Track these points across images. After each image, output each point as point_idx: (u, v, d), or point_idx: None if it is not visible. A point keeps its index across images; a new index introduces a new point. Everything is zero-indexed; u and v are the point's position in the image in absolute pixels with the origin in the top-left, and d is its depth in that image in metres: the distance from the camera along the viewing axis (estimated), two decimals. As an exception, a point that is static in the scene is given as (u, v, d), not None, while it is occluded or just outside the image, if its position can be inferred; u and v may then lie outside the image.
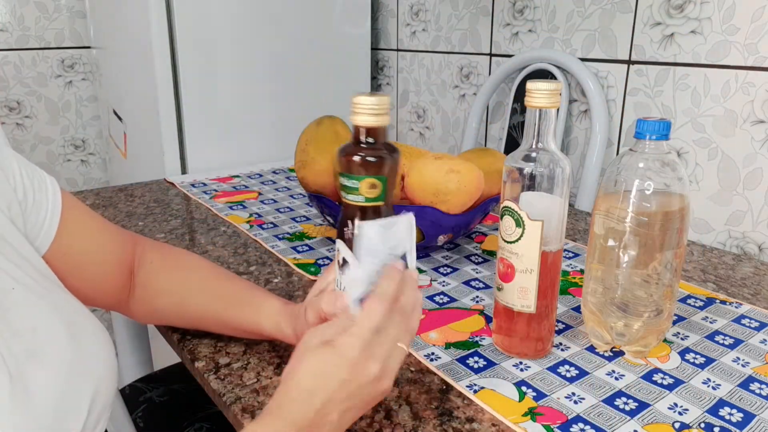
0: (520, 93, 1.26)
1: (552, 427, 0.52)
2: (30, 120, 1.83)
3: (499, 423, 0.53)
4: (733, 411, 0.55)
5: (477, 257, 0.89)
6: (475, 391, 0.57)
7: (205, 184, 1.27)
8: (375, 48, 1.70)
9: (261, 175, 1.35)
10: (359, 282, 0.48)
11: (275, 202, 1.16)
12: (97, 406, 0.48)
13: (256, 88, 1.43)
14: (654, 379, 0.59)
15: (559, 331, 0.68)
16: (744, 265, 0.88)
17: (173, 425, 0.91)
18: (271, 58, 1.44)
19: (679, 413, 0.54)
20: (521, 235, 0.58)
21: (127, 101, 1.55)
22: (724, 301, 0.76)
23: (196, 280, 0.66)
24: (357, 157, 0.50)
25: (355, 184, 0.50)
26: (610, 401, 0.56)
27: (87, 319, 0.51)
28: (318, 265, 0.86)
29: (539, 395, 0.57)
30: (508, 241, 0.59)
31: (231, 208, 1.11)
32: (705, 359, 0.63)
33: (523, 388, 0.58)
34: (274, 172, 1.38)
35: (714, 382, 0.59)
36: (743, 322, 0.71)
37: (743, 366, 0.62)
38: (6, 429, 0.41)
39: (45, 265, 0.53)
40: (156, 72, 1.31)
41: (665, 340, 0.66)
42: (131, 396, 0.99)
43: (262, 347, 0.65)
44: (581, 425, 0.53)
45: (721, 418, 0.54)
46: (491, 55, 1.36)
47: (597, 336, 0.65)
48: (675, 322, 0.70)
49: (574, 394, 0.57)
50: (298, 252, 0.90)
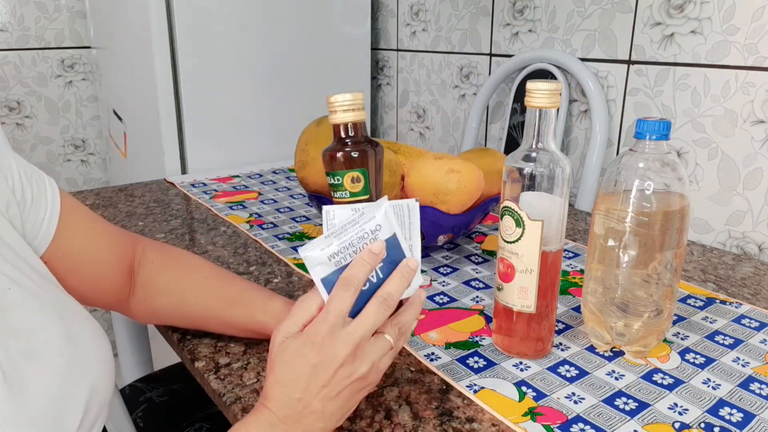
0: (520, 93, 1.26)
1: (552, 427, 0.52)
2: (30, 120, 1.83)
3: (499, 423, 0.53)
4: (733, 411, 0.55)
5: (477, 257, 0.89)
6: (475, 391, 0.57)
7: (205, 184, 1.27)
8: (375, 48, 1.70)
9: (261, 175, 1.35)
10: (322, 261, 0.47)
11: (275, 202, 1.16)
12: (94, 405, 0.48)
13: (256, 88, 1.43)
14: (654, 379, 0.59)
15: (559, 331, 0.68)
16: (744, 265, 0.88)
17: (173, 425, 0.91)
18: (271, 58, 1.44)
19: (679, 413, 0.54)
20: (521, 235, 0.58)
21: (127, 101, 1.55)
22: (724, 301, 0.76)
23: (197, 280, 0.66)
24: (337, 153, 0.50)
25: (338, 180, 0.50)
26: (610, 401, 0.56)
27: (84, 319, 0.51)
28: (318, 265, 0.85)
29: (539, 395, 0.57)
30: (508, 241, 0.59)
31: (231, 208, 1.11)
32: (705, 359, 0.63)
33: (523, 388, 0.58)
34: (274, 172, 1.38)
35: (714, 382, 0.59)
36: (743, 322, 0.71)
37: (743, 366, 0.62)
38: (1, 428, 0.41)
39: (43, 266, 0.53)
40: (156, 72, 1.31)
41: (665, 340, 0.66)
42: (131, 396, 0.99)
43: (262, 347, 0.65)
44: (581, 425, 0.53)
45: (721, 418, 0.54)
46: (491, 55, 1.36)
47: (597, 336, 0.65)
48: (675, 322, 0.70)
49: (574, 394, 0.57)
50: (298, 252, 0.90)
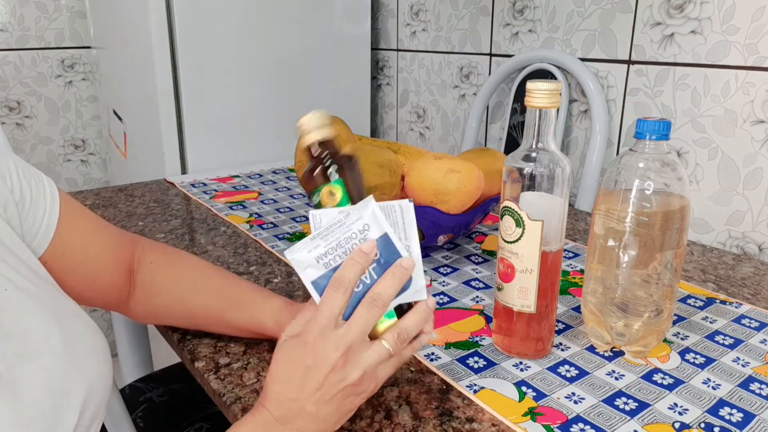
0: (520, 93, 1.26)
1: (552, 427, 0.52)
2: (30, 120, 1.83)
3: (499, 423, 0.53)
4: (733, 411, 0.55)
5: (477, 257, 0.89)
6: (475, 391, 0.57)
7: (205, 184, 1.27)
8: (375, 48, 1.70)
9: (261, 175, 1.35)
10: (310, 264, 0.48)
11: (275, 202, 1.16)
12: (92, 405, 0.48)
13: (256, 88, 1.43)
14: (654, 379, 0.59)
15: (559, 331, 0.68)
16: (744, 265, 0.88)
17: (173, 425, 0.91)
18: (271, 58, 1.44)
19: (679, 413, 0.54)
20: (521, 235, 0.58)
21: (127, 101, 1.55)
22: (724, 301, 0.76)
23: (197, 280, 0.66)
24: (309, 173, 0.51)
25: (317, 198, 0.51)
26: (610, 401, 0.56)
27: (81, 320, 0.51)
28: (318, 265, 0.85)
29: (539, 395, 0.57)
30: (508, 241, 0.59)
31: (231, 208, 1.11)
32: (705, 359, 0.63)
33: (523, 388, 0.58)
34: (274, 172, 1.38)
35: (714, 382, 0.59)
36: (743, 322, 0.71)
37: (743, 366, 0.62)
38: None
39: (41, 267, 0.52)
40: (156, 72, 1.31)
41: (665, 340, 0.66)
42: (131, 396, 0.99)
43: (262, 347, 0.65)
44: (581, 425, 0.53)
45: (721, 418, 0.54)
46: (491, 55, 1.36)
47: (597, 336, 0.65)
48: (675, 322, 0.70)
49: (574, 394, 0.57)
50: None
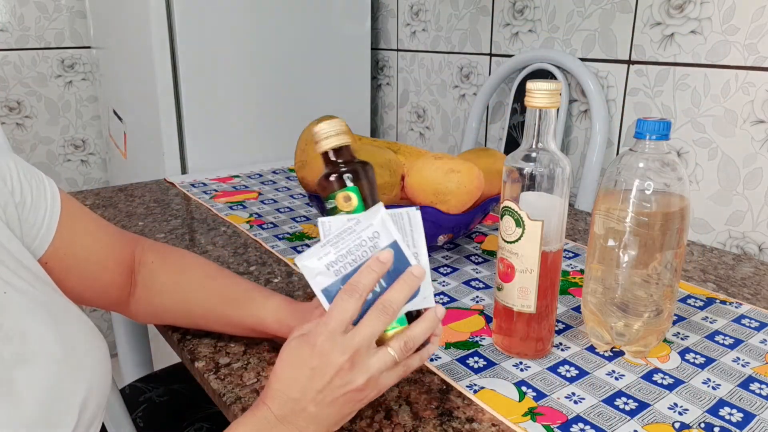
0: (520, 93, 1.26)
1: (552, 427, 0.52)
2: (30, 120, 1.83)
3: (499, 423, 0.53)
4: (733, 411, 0.55)
5: (477, 257, 0.89)
6: (475, 391, 0.57)
7: (205, 184, 1.27)
8: (375, 48, 1.70)
9: (261, 175, 1.35)
10: (320, 271, 0.48)
11: (275, 202, 1.16)
12: (91, 407, 0.48)
13: (256, 88, 1.43)
14: (654, 379, 0.59)
15: (559, 331, 0.68)
16: (744, 265, 0.88)
17: (173, 425, 0.91)
18: (271, 57, 1.44)
19: (679, 413, 0.54)
20: (521, 235, 0.58)
21: (127, 101, 1.55)
22: (724, 301, 0.76)
23: (198, 279, 0.66)
24: (325, 176, 0.51)
25: (332, 204, 0.52)
26: (610, 401, 0.56)
27: (80, 321, 0.51)
28: (318, 265, 0.85)
29: (539, 395, 0.57)
30: (508, 241, 0.59)
31: (231, 208, 1.11)
32: (705, 359, 0.63)
33: (523, 388, 0.58)
34: (274, 172, 1.38)
35: (714, 382, 0.59)
36: (743, 322, 0.71)
37: (743, 366, 0.62)
38: None
39: (40, 268, 0.52)
40: (156, 72, 1.31)
41: (665, 340, 0.66)
42: (131, 396, 0.99)
43: (262, 347, 0.65)
44: (581, 425, 0.53)
45: (721, 418, 0.54)
46: (491, 55, 1.36)
47: (597, 336, 0.65)
48: (675, 322, 0.70)
49: (574, 394, 0.57)
50: (298, 252, 0.90)
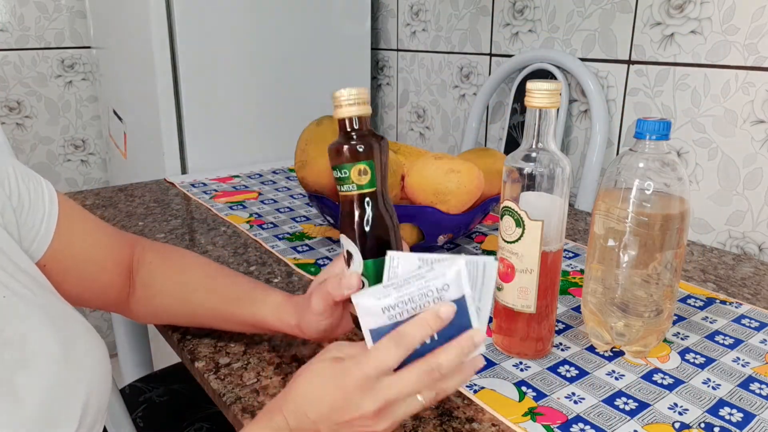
0: (520, 93, 1.26)
1: (552, 427, 0.52)
2: (30, 120, 1.83)
3: (499, 423, 0.53)
4: (733, 411, 0.55)
5: (477, 257, 0.89)
6: (475, 391, 0.57)
7: (205, 184, 1.27)
8: (375, 48, 1.70)
9: (261, 175, 1.35)
10: (375, 312, 0.45)
11: (275, 202, 1.16)
12: (90, 411, 0.48)
13: (256, 88, 1.43)
14: (654, 379, 0.59)
15: (559, 331, 0.68)
16: (744, 265, 0.88)
17: (173, 425, 0.91)
18: (271, 57, 1.44)
19: (679, 413, 0.54)
20: (521, 235, 0.58)
21: (127, 101, 1.55)
22: (724, 301, 0.76)
23: (197, 278, 0.66)
24: (344, 146, 0.51)
25: (345, 173, 0.51)
26: (610, 401, 0.56)
27: (79, 323, 0.51)
28: (318, 265, 0.86)
29: (539, 395, 0.57)
30: (508, 241, 0.59)
31: (231, 208, 1.11)
32: (705, 359, 0.63)
33: (523, 388, 0.58)
34: (274, 172, 1.38)
35: (714, 382, 0.59)
36: (743, 322, 0.71)
37: (743, 366, 0.62)
38: None
39: (38, 271, 0.52)
40: (156, 72, 1.31)
41: (665, 340, 0.66)
42: (131, 396, 0.99)
43: (262, 347, 0.65)
44: (581, 425, 0.53)
45: (721, 418, 0.54)
46: (491, 55, 1.36)
47: (597, 336, 0.65)
48: (675, 322, 0.70)
49: (574, 394, 0.57)
50: (298, 252, 0.90)
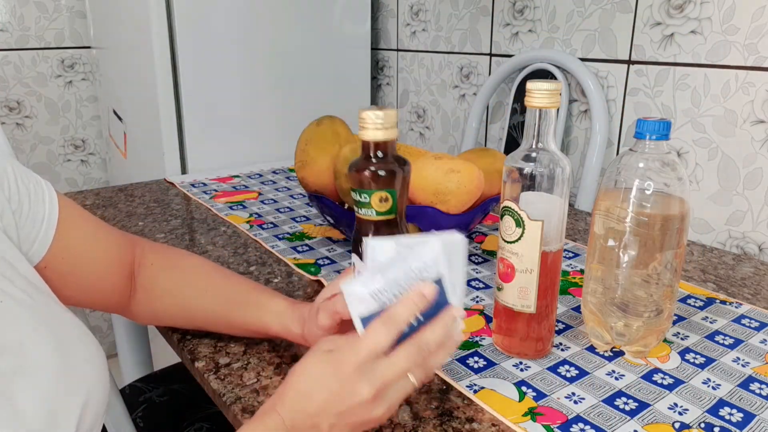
0: (520, 93, 1.26)
1: (552, 427, 0.52)
2: (30, 120, 1.83)
3: (499, 423, 0.53)
4: (733, 411, 0.55)
5: (477, 257, 0.89)
6: (475, 391, 0.57)
7: (205, 184, 1.27)
8: (375, 48, 1.70)
9: (261, 175, 1.35)
10: (363, 298, 0.46)
11: (275, 202, 1.16)
12: (88, 417, 0.48)
13: (256, 88, 1.43)
14: (654, 379, 0.59)
15: (559, 331, 0.68)
16: (744, 265, 0.88)
17: (173, 425, 0.91)
18: (271, 57, 1.44)
19: (679, 413, 0.54)
20: (521, 235, 0.58)
21: (127, 101, 1.55)
22: (724, 301, 0.76)
23: (198, 281, 0.66)
24: (366, 171, 0.50)
25: (365, 198, 0.50)
26: (610, 401, 0.56)
27: (77, 328, 0.51)
28: (318, 265, 0.86)
29: (539, 395, 0.57)
30: (508, 241, 0.59)
31: (231, 208, 1.11)
32: (705, 359, 0.63)
33: (523, 388, 0.58)
34: (274, 172, 1.38)
35: (714, 382, 0.59)
36: (743, 322, 0.71)
37: (743, 366, 0.62)
38: None
39: (36, 275, 0.52)
40: (156, 72, 1.31)
41: (665, 340, 0.66)
42: (131, 396, 0.99)
43: (262, 347, 0.65)
44: (581, 425, 0.53)
45: (721, 418, 0.54)
46: (491, 55, 1.36)
47: (597, 336, 0.65)
48: (675, 322, 0.70)
49: (574, 394, 0.57)
50: (298, 252, 0.90)
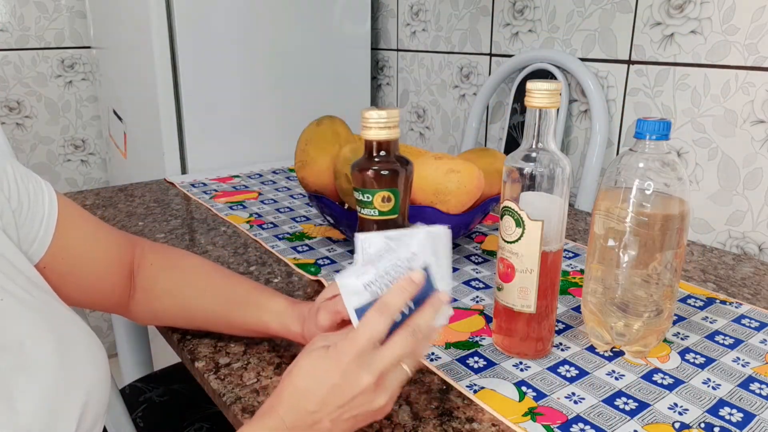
0: (520, 93, 1.26)
1: (552, 427, 0.52)
2: (30, 120, 1.83)
3: (499, 423, 0.53)
4: (733, 411, 0.55)
5: (477, 257, 0.89)
6: (475, 391, 0.57)
7: (205, 184, 1.27)
8: (375, 48, 1.70)
9: (261, 175, 1.35)
10: (357, 290, 0.47)
11: (275, 202, 1.16)
12: (88, 415, 0.48)
13: (256, 88, 1.43)
14: (654, 379, 0.59)
15: (559, 331, 0.68)
16: (744, 265, 0.88)
17: (173, 425, 0.91)
18: (271, 57, 1.44)
19: (679, 413, 0.54)
20: (521, 235, 0.58)
21: (127, 101, 1.55)
22: (724, 301, 0.76)
23: (198, 281, 0.66)
24: (369, 171, 0.50)
25: (368, 198, 0.50)
26: (610, 401, 0.56)
27: (77, 327, 0.51)
28: (318, 265, 0.86)
29: (539, 395, 0.57)
30: (508, 241, 0.59)
31: (231, 208, 1.11)
32: (705, 359, 0.63)
33: (523, 388, 0.58)
34: (274, 172, 1.38)
35: (714, 382, 0.59)
36: (743, 322, 0.71)
37: (743, 366, 0.62)
38: None
39: (37, 274, 0.52)
40: (156, 72, 1.31)
41: (665, 340, 0.66)
42: (131, 396, 0.99)
43: (262, 347, 0.65)
44: (581, 425, 0.53)
45: (721, 418, 0.54)
46: (491, 55, 1.36)
47: (597, 336, 0.65)
48: (675, 322, 0.70)
49: (574, 394, 0.57)
50: (298, 252, 0.90)
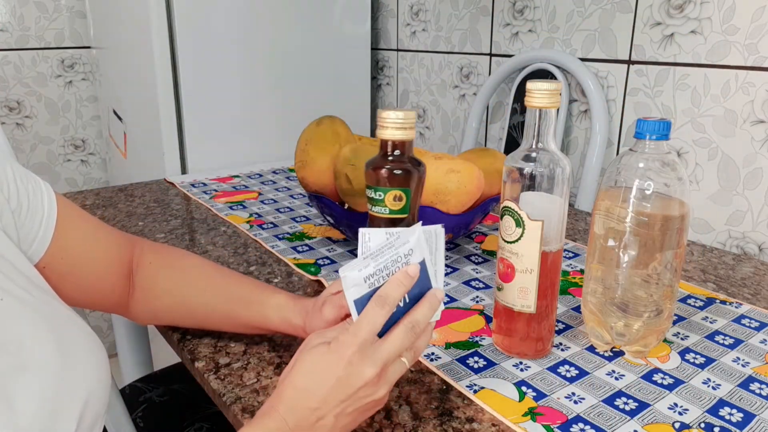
0: (520, 93, 1.26)
1: (552, 427, 0.52)
2: (30, 120, 1.83)
3: (499, 423, 0.53)
4: (733, 411, 0.55)
5: (477, 257, 0.89)
6: (475, 391, 0.57)
7: (205, 184, 1.27)
8: (375, 48, 1.70)
9: (261, 175, 1.35)
10: (358, 282, 0.47)
11: (275, 202, 1.16)
12: (88, 415, 0.48)
13: (256, 88, 1.44)
14: (654, 379, 0.59)
15: (559, 331, 0.68)
16: (744, 265, 0.88)
17: (173, 425, 0.91)
18: (271, 57, 1.44)
19: (679, 413, 0.54)
20: (521, 235, 0.58)
21: (127, 101, 1.55)
22: (724, 301, 0.76)
23: (197, 279, 0.66)
24: (383, 169, 0.51)
25: (380, 196, 0.51)
26: (610, 401, 0.56)
27: (77, 327, 0.51)
28: (318, 265, 0.86)
29: (539, 395, 0.57)
30: (508, 241, 0.59)
31: (231, 208, 1.11)
32: (705, 359, 0.63)
33: (523, 388, 0.58)
34: (274, 172, 1.38)
35: (714, 382, 0.59)
36: (743, 322, 0.71)
37: (743, 366, 0.62)
38: None
39: (37, 274, 0.52)
40: (156, 72, 1.31)
41: (665, 340, 0.66)
42: (131, 396, 0.99)
43: (262, 347, 0.65)
44: (581, 425, 0.53)
45: (721, 418, 0.54)
46: (491, 55, 1.36)
47: (597, 336, 0.65)
48: (675, 322, 0.70)
49: (574, 394, 0.57)
50: (298, 252, 0.90)
